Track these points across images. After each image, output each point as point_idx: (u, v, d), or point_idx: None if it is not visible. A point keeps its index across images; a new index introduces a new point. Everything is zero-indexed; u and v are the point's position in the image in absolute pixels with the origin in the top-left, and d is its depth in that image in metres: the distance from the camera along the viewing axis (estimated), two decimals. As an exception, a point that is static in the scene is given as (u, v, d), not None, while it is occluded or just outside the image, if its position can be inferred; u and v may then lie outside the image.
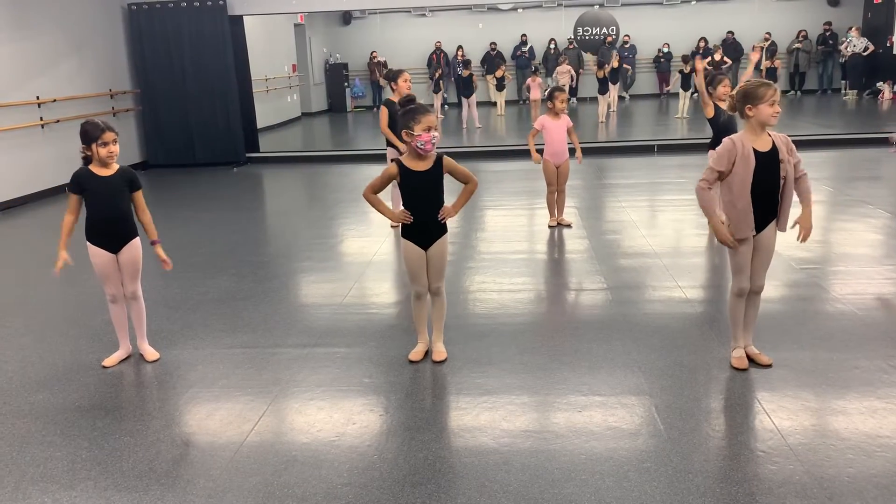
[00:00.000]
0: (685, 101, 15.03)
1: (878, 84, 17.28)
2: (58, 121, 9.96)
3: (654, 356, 4.01)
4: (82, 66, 10.75)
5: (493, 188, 9.16)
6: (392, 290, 5.50)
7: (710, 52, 17.71)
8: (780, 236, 3.74)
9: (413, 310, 4.13)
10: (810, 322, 4.46)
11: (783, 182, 3.57)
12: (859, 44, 17.86)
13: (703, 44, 19.11)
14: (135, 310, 4.21)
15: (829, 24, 19.38)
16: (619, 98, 18.47)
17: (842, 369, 3.76)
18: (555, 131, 6.74)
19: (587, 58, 19.15)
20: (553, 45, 20.46)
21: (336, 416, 3.49)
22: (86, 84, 10.82)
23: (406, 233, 3.91)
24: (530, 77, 15.79)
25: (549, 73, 18.74)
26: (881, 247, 6.00)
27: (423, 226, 3.88)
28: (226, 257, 6.44)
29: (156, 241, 4.18)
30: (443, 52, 20.46)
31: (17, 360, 4.33)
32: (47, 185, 9.72)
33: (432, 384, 3.86)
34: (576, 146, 6.94)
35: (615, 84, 16.45)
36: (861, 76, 18.03)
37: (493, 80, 17.29)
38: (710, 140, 6.38)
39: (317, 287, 5.69)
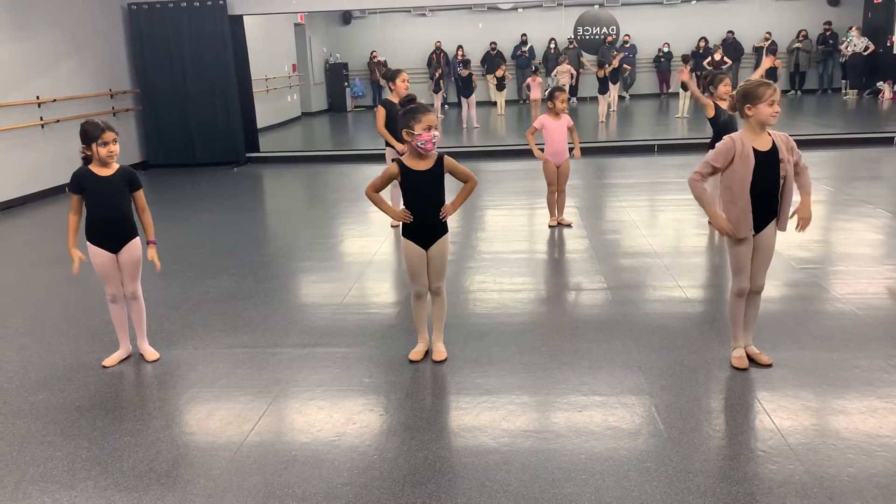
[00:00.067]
0: (685, 101, 15.02)
1: (878, 84, 17.29)
2: (58, 121, 9.96)
3: (654, 356, 4.01)
4: (82, 66, 10.74)
5: (494, 188, 9.15)
6: (392, 289, 5.50)
7: (710, 51, 17.71)
8: (780, 236, 3.74)
9: (413, 309, 4.13)
10: (810, 322, 4.46)
11: (783, 181, 3.58)
12: (860, 43, 17.86)
13: (703, 43, 19.11)
14: (135, 310, 4.21)
15: (830, 23, 19.39)
16: (619, 98, 18.46)
17: (842, 369, 3.76)
18: (555, 131, 6.74)
19: (585, 58, 19.16)
20: (553, 45, 20.46)
21: (336, 416, 3.49)
22: (86, 84, 10.82)
23: (407, 232, 3.91)
24: (530, 77, 15.79)
25: (550, 73, 18.73)
26: (881, 246, 6.00)
27: (423, 225, 3.88)
28: (226, 257, 6.44)
29: (152, 242, 4.17)
30: (443, 51, 20.46)
31: (17, 360, 4.33)
32: (47, 184, 9.73)
33: (432, 384, 3.86)
34: (575, 143, 6.96)
35: (615, 84, 16.44)
36: (861, 76, 18.03)
37: (493, 80, 17.28)
38: (711, 140, 6.38)
39: (317, 287, 5.69)
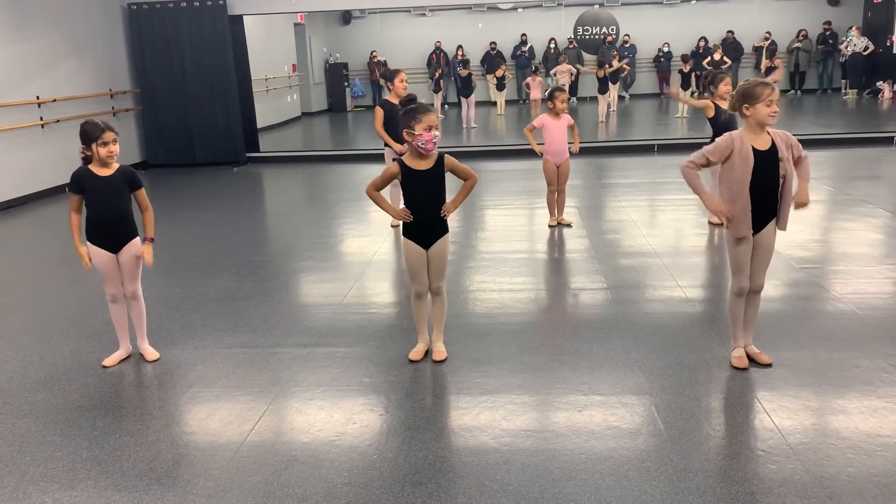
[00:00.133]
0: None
1: (878, 83, 17.29)
2: (58, 121, 9.96)
3: (654, 355, 4.01)
4: (82, 66, 10.74)
5: (493, 188, 9.16)
6: (392, 289, 5.50)
7: (709, 51, 17.71)
8: (780, 235, 3.74)
9: (413, 309, 4.13)
10: (810, 321, 4.46)
11: (782, 180, 3.58)
12: (860, 43, 17.86)
13: (702, 43, 19.12)
14: (135, 309, 4.21)
15: (829, 23, 19.39)
16: (619, 98, 18.46)
17: (842, 368, 3.76)
18: (555, 131, 6.74)
19: (586, 58, 19.15)
20: (553, 45, 20.46)
21: (336, 416, 3.49)
22: (86, 84, 10.82)
23: (407, 232, 3.91)
24: (530, 76, 15.80)
25: (549, 73, 18.73)
26: (881, 246, 6.00)
27: (424, 225, 3.88)
28: (226, 257, 6.44)
29: (149, 239, 4.13)
30: (442, 51, 20.46)
31: (17, 360, 4.33)
32: (47, 184, 9.72)
33: (432, 384, 3.86)
34: (575, 139, 6.99)
35: (615, 84, 16.44)
36: (861, 75, 18.03)
37: (493, 80, 17.29)
38: (710, 139, 6.37)
39: (317, 287, 5.69)
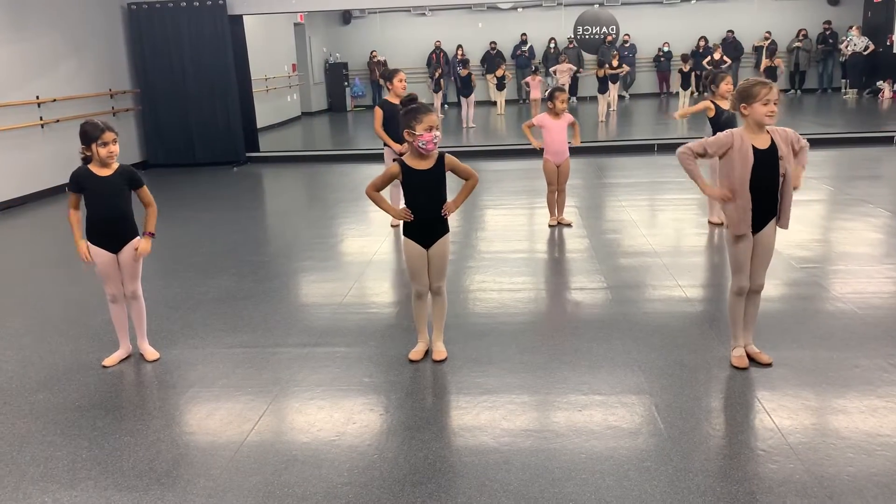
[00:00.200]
0: (685, 101, 15.03)
1: (878, 83, 17.29)
2: (57, 121, 9.96)
3: (654, 355, 4.01)
4: (82, 66, 10.74)
5: (494, 187, 9.15)
6: (392, 289, 5.50)
7: (709, 51, 17.72)
8: (780, 235, 3.74)
9: (413, 309, 4.13)
10: (810, 321, 4.45)
11: (782, 179, 3.57)
12: (860, 43, 17.86)
13: (702, 43, 19.12)
14: (135, 309, 4.21)
15: (829, 22, 19.39)
16: (619, 97, 18.46)
17: (842, 368, 3.75)
18: (555, 131, 6.73)
19: (586, 58, 19.14)
20: (553, 45, 20.46)
21: (336, 416, 3.49)
22: (85, 84, 10.82)
23: (408, 231, 3.91)
24: (529, 76, 15.79)
25: (549, 72, 18.72)
26: (881, 246, 6.00)
27: (425, 224, 3.87)
28: (226, 257, 6.44)
29: (148, 233, 4.11)
30: (442, 51, 20.46)
31: (17, 360, 4.33)
32: (47, 184, 9.72)
33: (432, 383, 3.86)
34: (576, 133, 7.03)
35: (615, 83, 16.44)
36: (861, 75, 18.02)
37: (493, 80, 17.29)
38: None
39: (317, 287, 5.69)
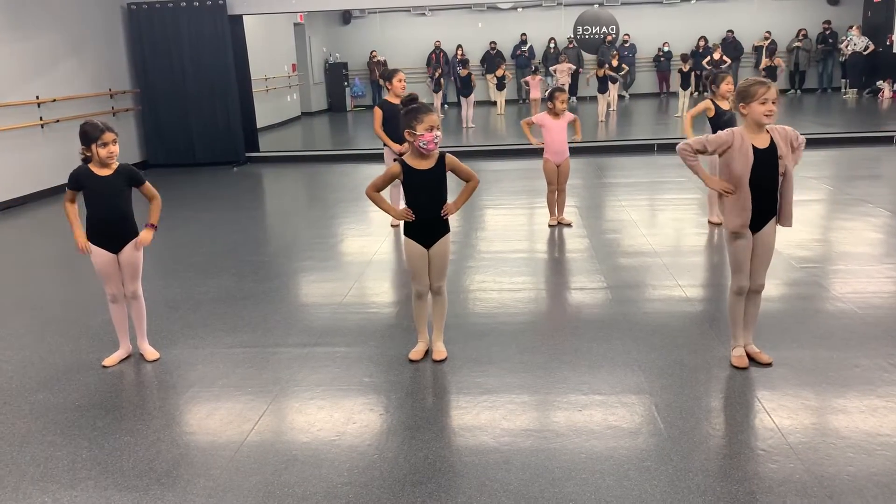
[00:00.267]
0: (685, 100, 15.02)
1: (877, 83, 17.29)
2: (57, 121, 9.95)
3: (654, 355, 4.01)
4: (82, 66, 10.74)
5: (493, 187, 9.15)
6: (392, 289, 5.50)
7: (709, 50, 17.71)
8: (780, 235, 3.74)
9: (414, 309, 4.13)
10: (810, 321, 4.46)
11: (782, 178, 3.57)
12: (860, 42, 17.85)
13: (702, 43, 19.12)
14: (135, 309, 4.21)
15: (829, 22, 19.39)
16: (619, 97, 18.46)
17: (842, 368, 3.75)
18: (555, 131, 6.73)
19: (586, 58, 19.13)
20: (553, 45, 20.45)
21: (336, 416, 3.49)
22: (85, 84, 10.81)
23: (409, 231, 3.91)
24: (529, 76, 15.77)
25: (549, 72, 18.72)
26: (881, 245, 6.00)
27: (425, 224, 3.87)
28: (226, 257, 6.44)
29: (150, 225, 4.10)
30: (442, 51, 20.46)
31: (17, 360, 4.33)
32: (46, 185, 9.71)
33: (432, 383, 3.86)
34: (577, 130, 7.03)
35: (615, 83, 16.44)
36: (861, 75, 18.03)
37: (493, 80, 17.29)
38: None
39: (317, 286, 5.69)
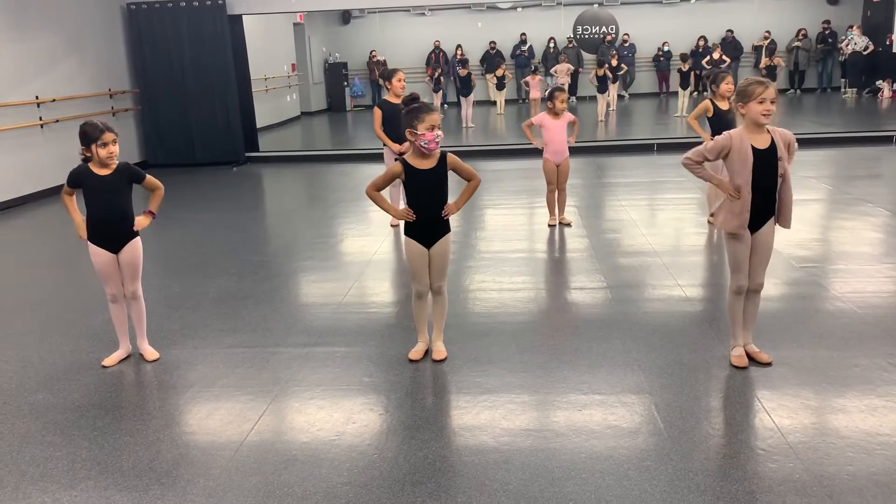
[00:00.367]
0: (684, 100, 15.02)
1: (877, 82, 17.29)
2: (57, 121, 9.95)
3: (653, 355, 4.01)
4: (81, 66, 10.73)
5: (493, 187, 9.15)
6: (392, 289, 5.50)
7: (709, 50, 17.71)
8: (780, 234, 3.74)
9: (414, 308, 4.13)
10: (810, 320, 4.46)
11: (781, 179, 3.57)
12: (860, 42, 17.85)
13: (702, 42, 19.12)
14: (135, 309, 4.21)
15: (829, 22, 19.40)
16: (619, 97, 18.46)
17: (842, 367, 3.76)
18: (555, 130, 6.73)
19: (585, 58, 19.12)
20: (552, 44, 20.45)
21: (336, 416, 3.49)
22: (85, 84, 10.81)
23: (409, 231, 3.91)
24: (529, 76, 15.77)
25: (549, 72, 18.71)
26: (881, 245, 6.00)
27: (426, 224, 3.87)
28: (226, 257, 6.44)
29: (148, 211, 4.09)
30: (442, 51, 20.45)
31: (17, 360, 4.33)
32: (46, 185, 9.70)
33: (432, 383, 3.86)
34: (574, 131, 7.02)
35: (614, 83, 16.44)
36: (860, 74, 18.03)
37: (492, 80, 17.29)
38: (711, 138, 6.38)
39: (317, 286, 5.69)
